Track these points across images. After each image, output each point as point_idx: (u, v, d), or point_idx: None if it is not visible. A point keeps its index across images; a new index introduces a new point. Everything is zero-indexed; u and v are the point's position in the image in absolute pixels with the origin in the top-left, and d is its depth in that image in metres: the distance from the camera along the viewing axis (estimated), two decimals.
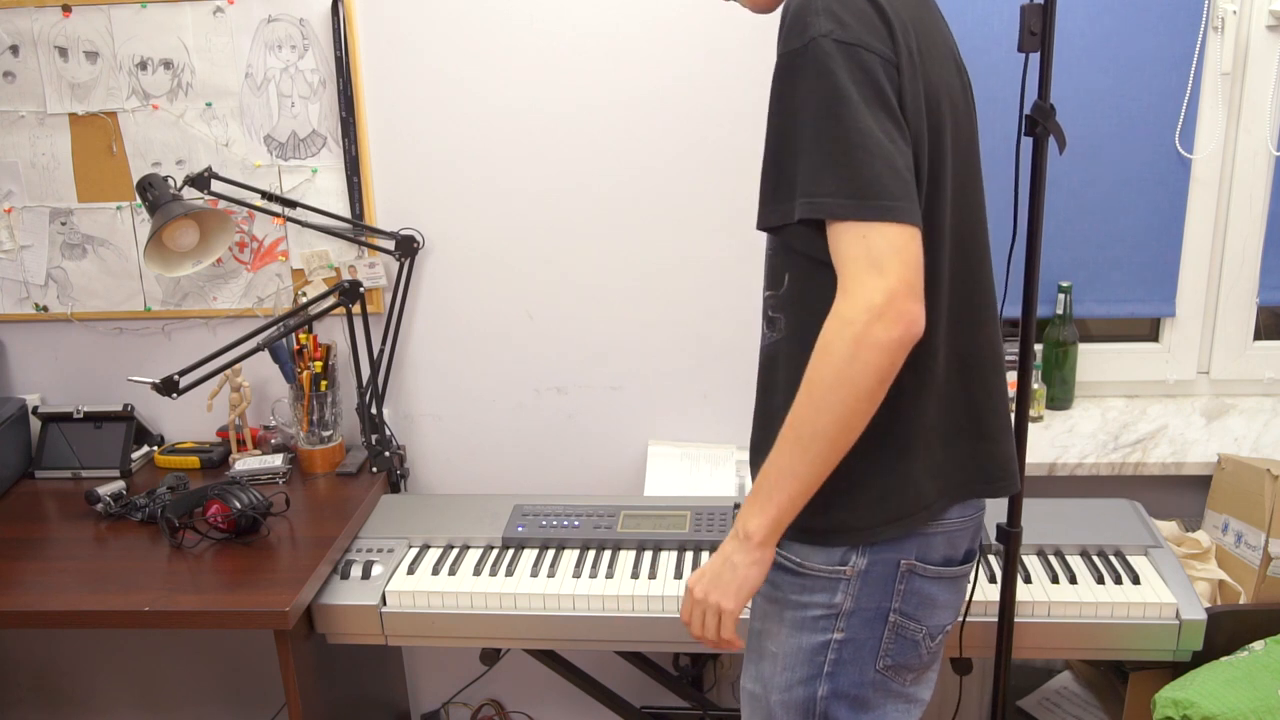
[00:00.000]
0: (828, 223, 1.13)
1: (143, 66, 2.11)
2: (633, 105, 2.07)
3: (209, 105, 2.13)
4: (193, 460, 2.21)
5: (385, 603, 1.81)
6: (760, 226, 1.24)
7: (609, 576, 1.82)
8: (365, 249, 2.17)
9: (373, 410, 2.15)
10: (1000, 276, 1.45)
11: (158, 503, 1.98)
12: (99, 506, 2.01)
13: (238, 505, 1.85)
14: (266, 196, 2.13)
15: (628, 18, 2.02)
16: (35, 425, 2.27)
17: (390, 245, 2.13)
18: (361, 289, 2.08)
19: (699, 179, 2.10)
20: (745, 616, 1.40)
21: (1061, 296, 2.17)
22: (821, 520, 1.24)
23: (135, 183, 2.10)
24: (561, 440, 2.28)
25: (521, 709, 2.51)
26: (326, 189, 2.15)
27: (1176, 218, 2.16)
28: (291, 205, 2.13)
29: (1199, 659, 1.69)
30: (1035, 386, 2.17)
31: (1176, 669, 1.74)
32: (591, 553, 1.89)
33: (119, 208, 2.20)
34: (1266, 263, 2.18)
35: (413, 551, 1.93)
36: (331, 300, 2.10)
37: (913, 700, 1.37)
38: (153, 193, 2.02)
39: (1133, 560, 1.81)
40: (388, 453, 2.17)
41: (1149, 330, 2.29)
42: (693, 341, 2.19)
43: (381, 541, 1.96)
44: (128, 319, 2.29)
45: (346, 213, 2.15)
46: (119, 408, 2.24)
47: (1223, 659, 1.67)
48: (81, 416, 2.25)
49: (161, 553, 1.85)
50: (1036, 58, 1.39)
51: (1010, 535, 1.56)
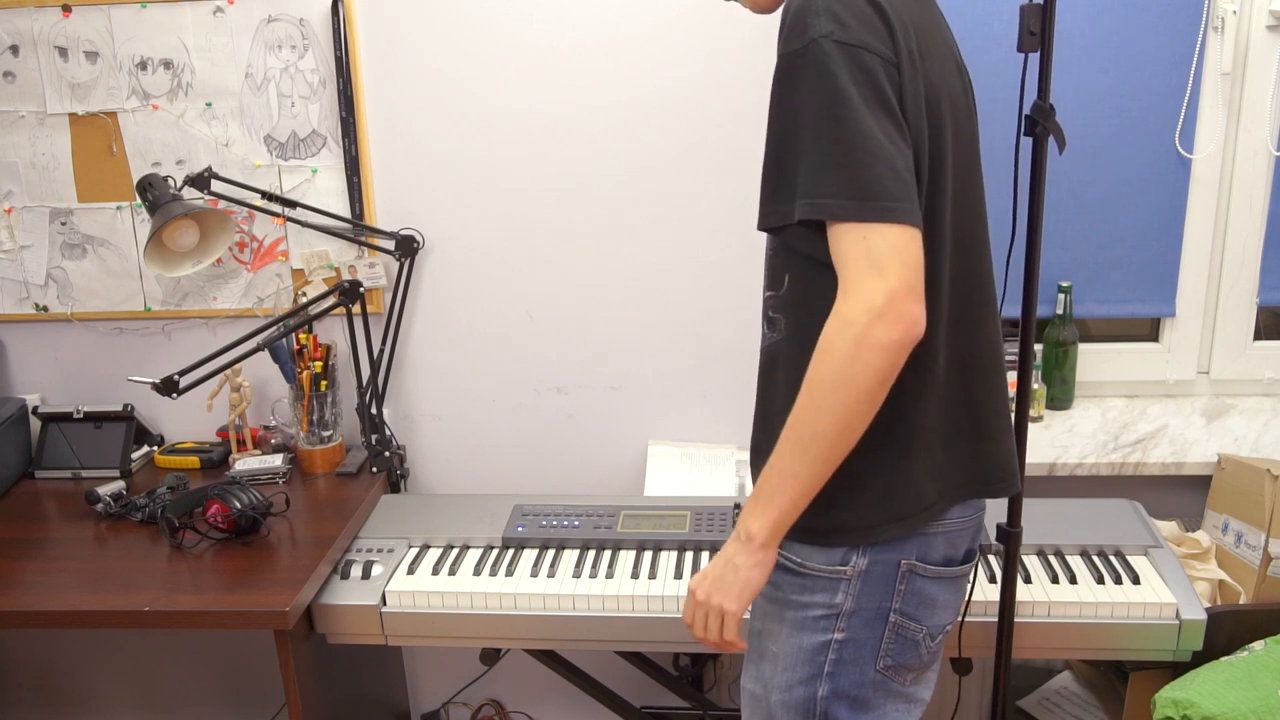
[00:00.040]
0: (828, 224, 1.13)
1: (143, 66, 2.11)
2: (633, 105, 2.07)
3: (209, 105, 2.13)
4: (193, 460, 2.21)
5: (385, 603, 1.81)
6: (761, 227, 1.24)
7: (609, 576, 1.82)
8: (365, 249, 2.17)
9: (373, 410, 2.15)
10: (1000, 276, 1.45)
11: (158, 503, 1.99)
12: (99, 506, 2.01)
13: (238, 505, 1.85)
14: (266, 196, 2.13)
15: (628, 18, 2.03)
16: (35, 425, 2.27)
17: (390, 245, 2.13)
18: (361, 289, 2.08)
19: (699, 179, 2.10)
20: (746, 617, 1.40)
21: (1061, 296, 2.17)
22: (822, 520, 1.24)
23: (135, 183, 2.10)
24: (561, 440, 2.28)
25: (521, 709, 2.51)
26: (326, 189, 2.15)
27: (1176, 218, 2.16)
28: (291, 205, 2.13)
29: (1199, 659, 1.69)
30: (1035, 386, 2.17)
31: (1176, 669, 1.74)
32: (591, 553, 1.89)
33: (119, 208, 2.20)
34: (1266, 263, 2.18)
35: (413, 551, 1.93)
36: (331, 300, 2.10)
37: (913, 700, 1.37)
38: (153, 193, 2.02)
39: (1133, 560, 1.81)
40: (388, 453, 2.17)
41: (1149, 330, 2.29)
42: (693, 341, 2.19)
43: (381, 541, 1.96)
44: (128, 319, 2.29)
45: (346, 213, 2.15)
46: (119, 408, 2.24)
47: (1223, 659, 1.67)
48: (81, 416, 2.25)
49: (161, 553, 1.85)
50: (1036, 58, 1.39)
51: (1010, 535, 1.56)
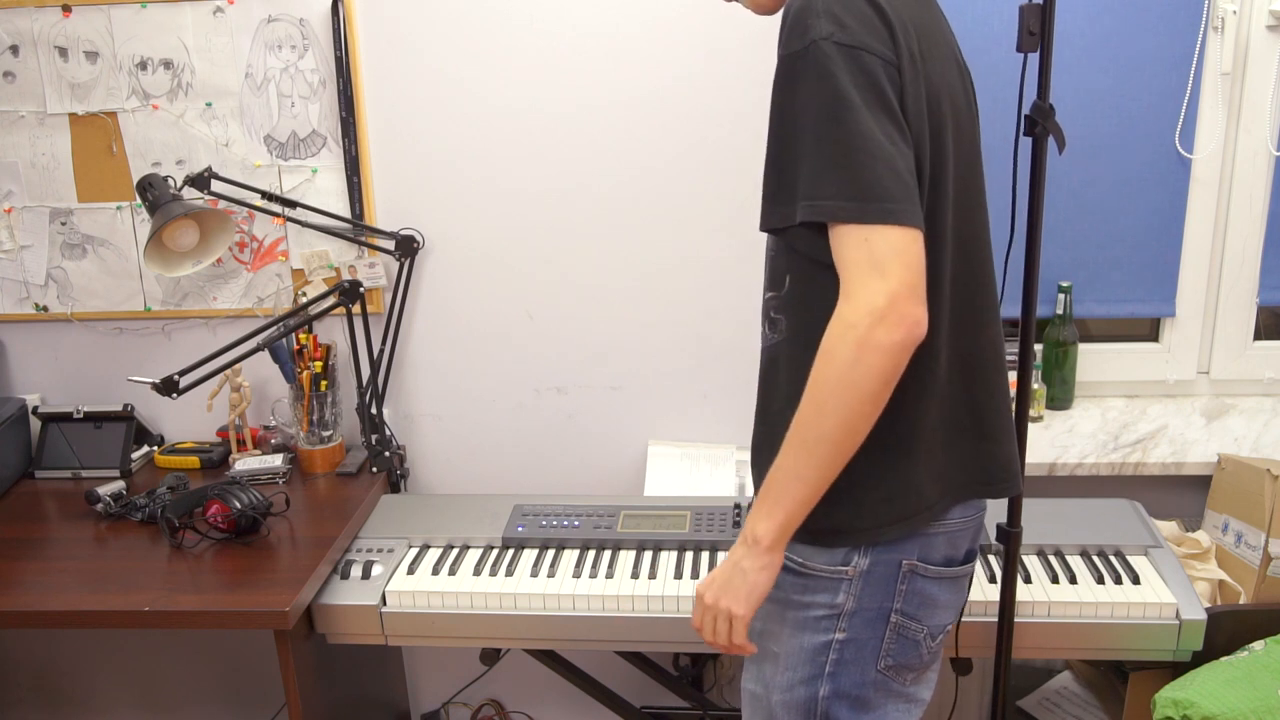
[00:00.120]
0: (829, 225, 1.13)
1: (143, 66, 2.11)
2: (633, 105, 2.07)
3: (209, 105, 2.12)
4: (193, 460, 2.21)
5: (385, 603, 1.81)
6: (763, 228, 1.24)
7: (609, 576, 1.82)
8: (365, 249, 2.17)
9: (373, 410, 2.15)
10: (999, 276, 1.45)
11: (158, 503, 1.98)
12: (99, 506, 2.01)
13: (238, 505, 1.85)
14: (266, 196, 2.13)
15: (628, 18, 2.02)
16: (35, 425, 2.27)
17: (390, 245, 2.13)
18: (361, 289, 2.08)
19: (699, 179, 2.10)
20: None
21: (1061, 296, 2.17)
22: (824, 521, 1.24)
23: (135, 183, 2.10)
24: (561, 440, 2.28)
25: (521, 709, 2.51)
26: (326, 189, 2.15)
27: (1176, 218, 2.16)
28: (291, 205, 2.13)
29: (1199, 659, 1.69)
30: (1035, 386, 2.17)
31: (1176, 669, 1.74)
32: (591, 553, 1.89)
33: (119, 208, 2.20)
34: (1266, 263, 2.18)
35: (413, 551, 1.93)
36: (331, 300, 2.10)
37: (913, 700, 1.37)
38: (153, 193, 2.02)
39: (1133, 560, 1.81)
40: (388, 453, 2.17)
41: (1149, 330, 2.29)
42: (693, 341, 2.19)
43: (381, 541, 1.96)
44: (128, 319, 2.29)
45: (346, 213, 2.15)
46: (119, 408, 2.24)
47: (1223, 659, 1.67)
48: (81, 416, 2.25)
49: (161, 553, 1.85)
50: (1036, 58, 1.39)
51: (1010, 535, 1.56)
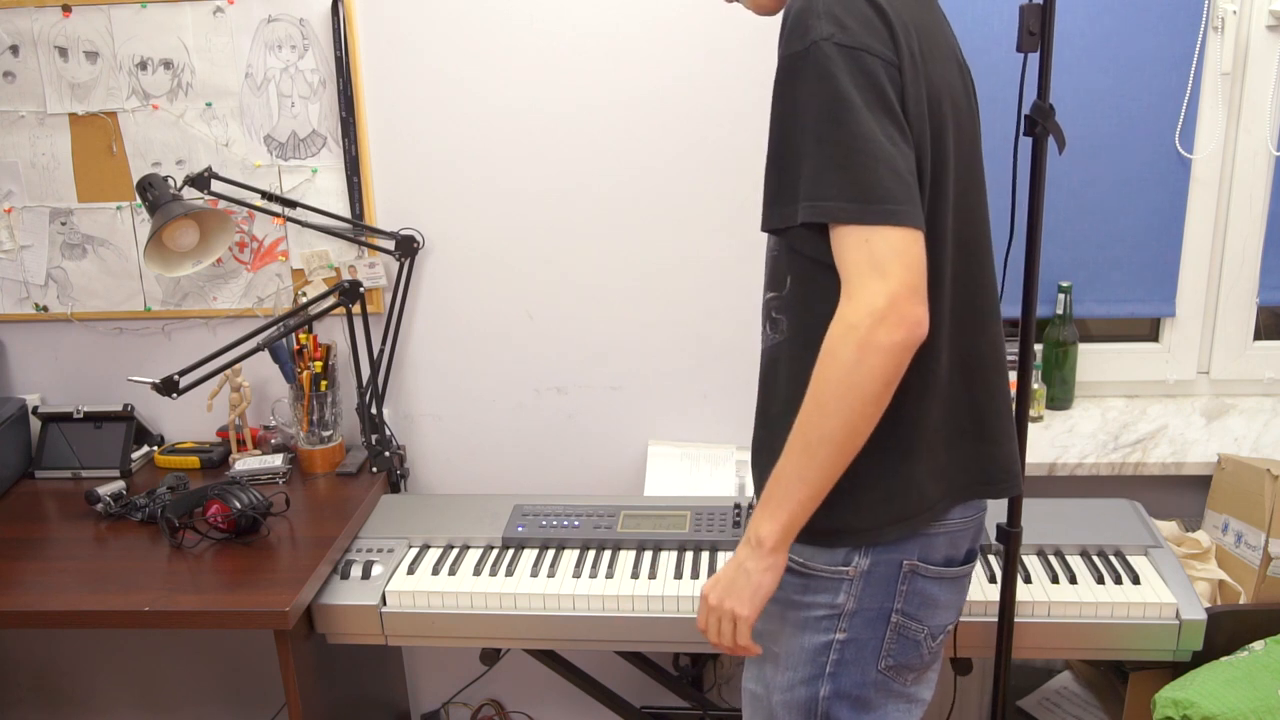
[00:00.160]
0: (830, 226, 1.13)
1: (143, 66, 2.11)
2: (633, 105, 2.07)
3: (209, 105, 2.12)
4: (193, 460, 2.21)
5: (385, 603, 1.81)
6: (764, 228, 1.24)
7: (609, 576, 1.82)
8: (365, 249, 2.17)
9: (373, 410, 2.15)
10: (999, 276, 1.45)
11: (158, 503, 1.98)
12: (99, 506, 2.01)
13: (238, 505, 1.85)
14: (266, 196, 2.13)
15: (628, 18, 2.02)
16: (35, 425, 2.27)
17: (390, 245, 2.13)
18: (361, 289, 2.08)
19: (699, 179, 2.10)
20: None
21: (1061, 296, 2.17)
22: (825, 521, 1.24)
23: (135, 183, 2.10)
24: (561, 440, 2.28)
25: (521, 709, 2.51)
26: (326, 189, 2.15)
27: (1176, 218, 2.16)
28: (291, 205, 2.13)
29: (1199, 659, 1.69)
30: (1035, 386, 2.17)
31: (1176, 669, 1.74)
32: (591, 553, 1.89)
33: (119, 208, 2.20)
34: (1266, 263, 2.18)
35: (413, 551, 1.93)
36: (331, 300, 2.10)
37: (914, 700, 1.37)
38: (153, 193, 2.02)
39: (1133, 560, 1.81)
40: (388, 453, 2.17)
41: (1149, 330, 2.29)
42: (693, 341, 2.19)
43: (381, 541, 1.96)
44: (128, 319, 2.28)
45: (346, 213, 2.15)
46: (119, 408, 2.24)
47: (1223, 659, 1.67)
48: (81, 416, 2.25)
49: (161, 553, 1.85)
50: (1036, 58, 1.39)
51: (1010, 535, 1.56)
